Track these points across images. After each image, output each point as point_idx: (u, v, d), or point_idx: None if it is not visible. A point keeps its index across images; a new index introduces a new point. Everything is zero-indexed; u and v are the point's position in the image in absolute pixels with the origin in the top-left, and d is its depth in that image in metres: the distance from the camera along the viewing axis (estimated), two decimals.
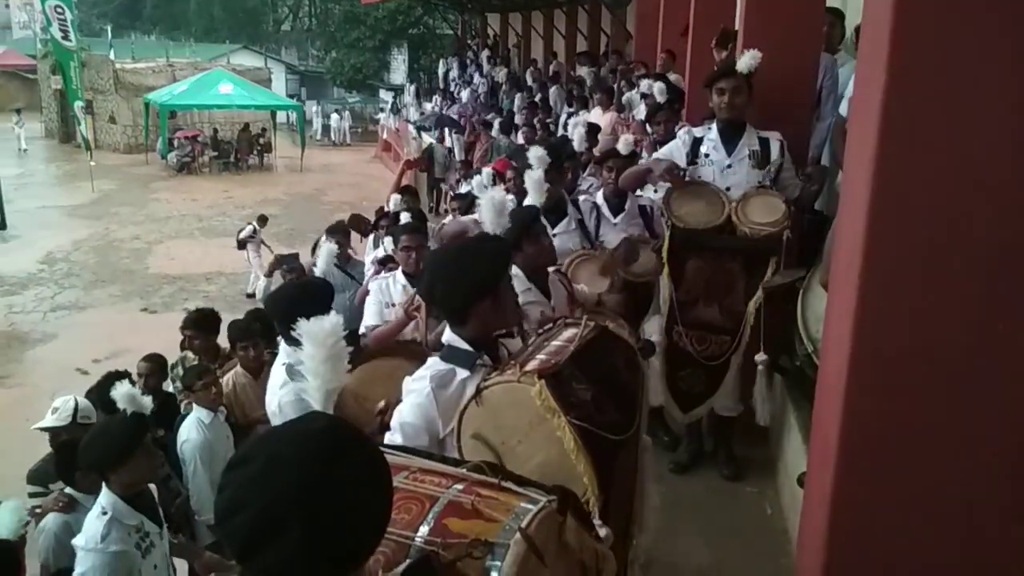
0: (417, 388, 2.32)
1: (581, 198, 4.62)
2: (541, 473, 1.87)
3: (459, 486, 1.67)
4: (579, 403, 1.98)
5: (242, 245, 13.36)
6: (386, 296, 4.52)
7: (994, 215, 2.16)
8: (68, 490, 3.82)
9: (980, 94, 2.13)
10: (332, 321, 1.86)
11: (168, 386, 5.39)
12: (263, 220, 13.72)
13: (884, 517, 2.37)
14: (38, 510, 3.82)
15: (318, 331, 1.84)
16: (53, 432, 4.48)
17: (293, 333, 1.89)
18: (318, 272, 4.69)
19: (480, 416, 2.07)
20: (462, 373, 2.29)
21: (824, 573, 2.46)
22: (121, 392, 3.49)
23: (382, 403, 2.59)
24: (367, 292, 4.77)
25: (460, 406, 2.13)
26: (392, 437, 2.32)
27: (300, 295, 3.55)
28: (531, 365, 2.06)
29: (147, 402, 3.60)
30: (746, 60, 4.29)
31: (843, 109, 4.85)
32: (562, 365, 2.07)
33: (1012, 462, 2.25)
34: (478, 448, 2.06)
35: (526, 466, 1.84)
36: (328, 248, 4.89)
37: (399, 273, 4.60)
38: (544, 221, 4.25)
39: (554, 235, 4.30)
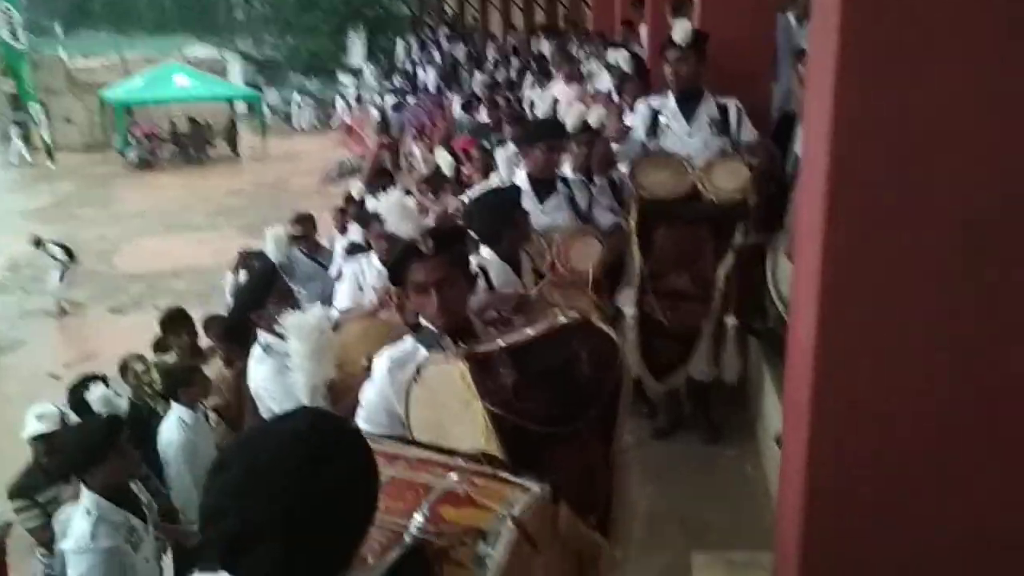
0: (378, 367, 2.40)
1: (571, 176, 4.61)
2: None
3: (454, 475, 1.69)
4: (497, 389, 1.96)
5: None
6: (361, 279, 4.52)
7: (955, 176, 2.18)
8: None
9: (939, 53, 2.14)
10: (317, 315, 1.87)
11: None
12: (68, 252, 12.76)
13: (859, 474, 2.41)
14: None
15: (302, 326, 1.85)
16: (43, 439, 4.40)
17: (277, 328, 1.90)
18: (272, 258, 4.66)
19: (422, 395, 2.08)
20: (423, 352, 2.34)
21: (804, 532, 2.51)
22: (96, 395, 3.48)
23: (364, 361, 2.61)
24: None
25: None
26: (359, 413, 2.38)
27: (253, 284, 3.59)
28: (476, 349, 2.06)
29: (122, 404, 3.60)
30: (678, 31, 4.30)
31: None
32: (495, 351, 2.06)
33: (981, 413, 2.29)
34: (422, 427, 2.07)
35: (461, 447, 1.84)
36: (274, 234, 4.85)
37: (374, 256, 4.59)
38: (534, 195, 4.29)
39: (543, 211, 4.33)
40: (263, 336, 3.46)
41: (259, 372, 3.41)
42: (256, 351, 3.47)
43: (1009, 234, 2.18)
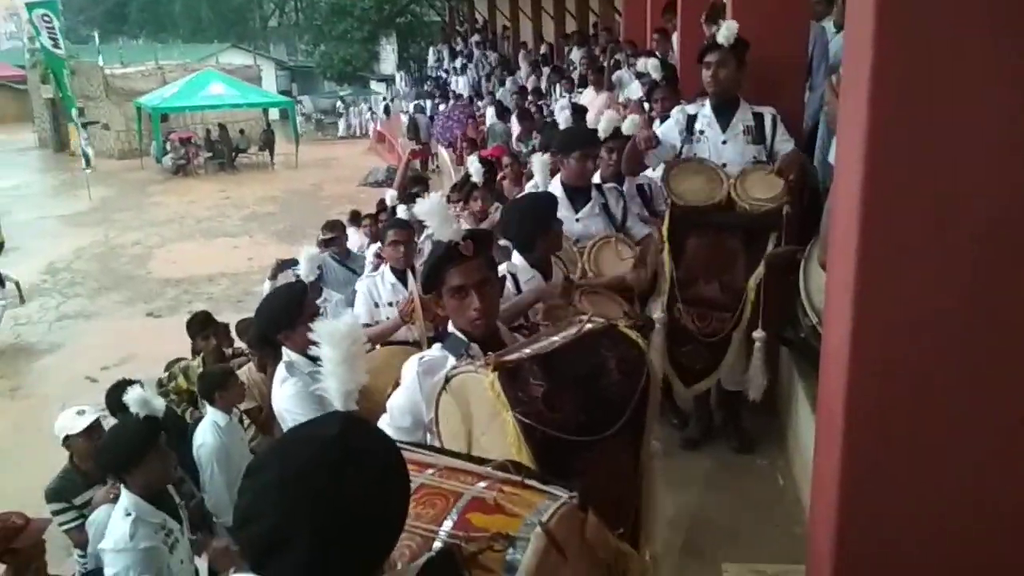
0: (407, 372, 2.42)
1: (608, 184, 4.63)
2: None
3: (483, 483, 1.70)
4: (528, 399, 1.95)
5: None
6: (376, 295, 4.55)
7: (991, 186, 2.16)
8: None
9: (970, 65, 2.13)
10: (349, 323, 1.89)
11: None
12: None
13: (893, 485, 2.39)
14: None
15: (334, 332, 1.87)
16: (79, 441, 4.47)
17: (311, 336, 1.92)
18: (303, 277, 4.73)
19: (450, 404, 2.08)
20: (452, 360, 2.35)
21: (837, 542, 2.49)
22: (134, 396, 3.54)
23: (390, 389, 2.64)
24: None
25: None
26: (383, 418, 2.42)
27: (277, 301, 3.66)
28: (504, 357, 2.04)
29: (160, 404, 3.66)
30: (724, 31, 4.28)
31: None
32: (524, 359, 2.05)
33: (1016, 426, 2.27)
34: (452, 435, 2.08)
35: (491, 456, 1.84)
36: (308, 254, 4.91)
37: (387, 271, 4.62)
38: (569, 203, 4.31)
39: (577, 219, 4.35)
40: (287, 354, 3.51)
41: (282, 393, 3.45)
42: (280, 371, 3.52)
43: None
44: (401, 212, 6.46)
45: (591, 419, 2.02)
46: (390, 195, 7.47)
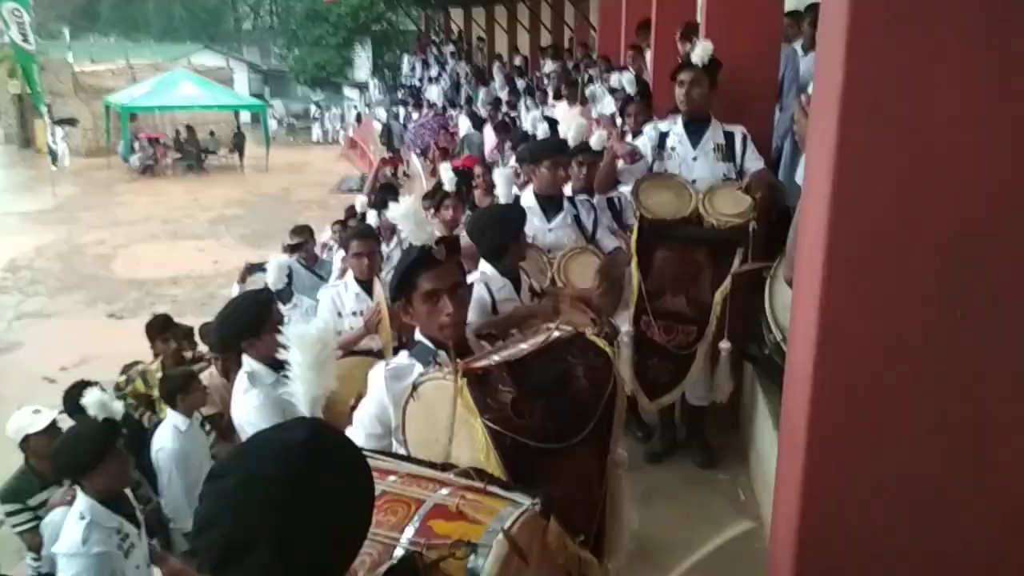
0: (375, 378, 2.41)
1: (579, 196, 4.66)
2: None
3: (445, 490, 1.69)
4: (497, 406, 1.95)
5: None
6: (338, 305, 4.53)
7: (955, 204, 2.19)
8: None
9: (939, 83, 2.16)
10: (320, 327, 1.88)
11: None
12: None
13: (853, 503, 2.42)
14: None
15: (304, 337, 1.85)
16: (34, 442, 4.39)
17: (279, 338, 1.91)
18: (271, 285, 4.68)
19: (418, 411, 2.07)
20: (419, 367, 2.34)
21: (797, 558, 2.51)
22: (92, 398, 3.48)
23: (352, 400, 2.63)
24: None
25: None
26: (354, 428, 2.40)
27: (241, 309, 3.62)
28: (472, 364, 2.04)
29: (118, 408, 3.60)
30: (699, 51, 4.34)
31: None
32: (492, 366, 2.05)
33: (977, 444, 2.30)
34: (418, 442, 2.07)
35: (459, 463, 1.83)
36: (276, 261, 4.88)
37: (350, 280, 4.60)
38: (542, 213, 4.34)
39: (549, 229, 4.39)
40: (249, 363, 3.47)
41: (244, 404, 3.39)
42: (241, 381, 3.47)
43: (1009, 265, 2.19)
44: (371, 218, 6.45)
45: (559, 426, 2.03)
46: (360, 200, 7.45)
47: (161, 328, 5.97)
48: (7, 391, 9.38)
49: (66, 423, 4.45)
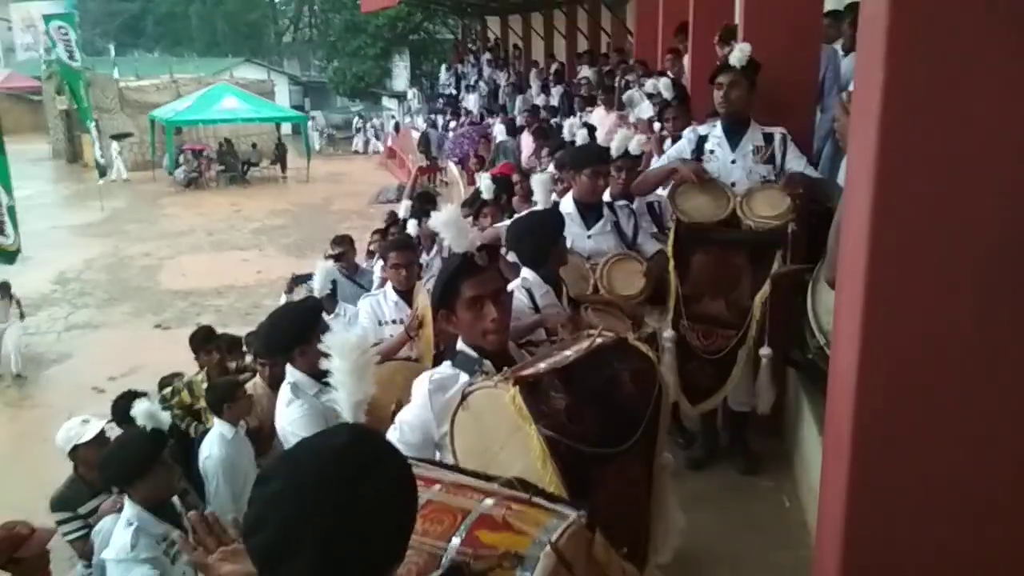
0: (418, 389, 2.41)
1: (619, 202, 4.66)
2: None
3: (491, 500, 1.70)
4: (551, 412, 1.95)
5: None
6: (379, 314, 4.56)
7: (998, 205, 2.16)
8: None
9: (980, 83, 2.13)
10: (358, 335, 1.91)
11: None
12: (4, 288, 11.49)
13: (900, 509, 2.38)
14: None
15: (344, 344, 1.88)
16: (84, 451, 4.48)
17: (320, 347, 1.94)
18: (316, 292, 4.74)
19: (467, 421, 2.07)
20: (464, 378, 2.34)
21: (843, 566, 2.47)
22: (141, 409, 3.55)
23: (393, 406, 2.64)
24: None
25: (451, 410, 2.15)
26: (391, 434, 2.40)
27: (288, 319, 3.67)
28: (522, 372, 2.05)
29: (166, 418, 3.68)
30: (737, 53, 4.30)
31: None
32: (543, 373, 2.05)
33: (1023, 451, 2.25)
34: (468, 452, 2.07)
35: (508, 473, 1.83)
36: (323, 268, 4.93)
37: (389, 289, 4.63)
38: (581, 219, 4.34)
39: (589, 236, 4.39)
40: (292, 374, 3.52)
41: (287, 415, 3.44)
42: (284, 392, 3.51)
43: None
44: (411, 227, 6.49)
45: (610, 431, 2.04)
46: (404, 206, 7.49)
47: (204, 340, 6.06)
48: (57, 401, 9.62)
49: (114, 432, 4.54)
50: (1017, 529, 2.29)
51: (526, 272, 3.63)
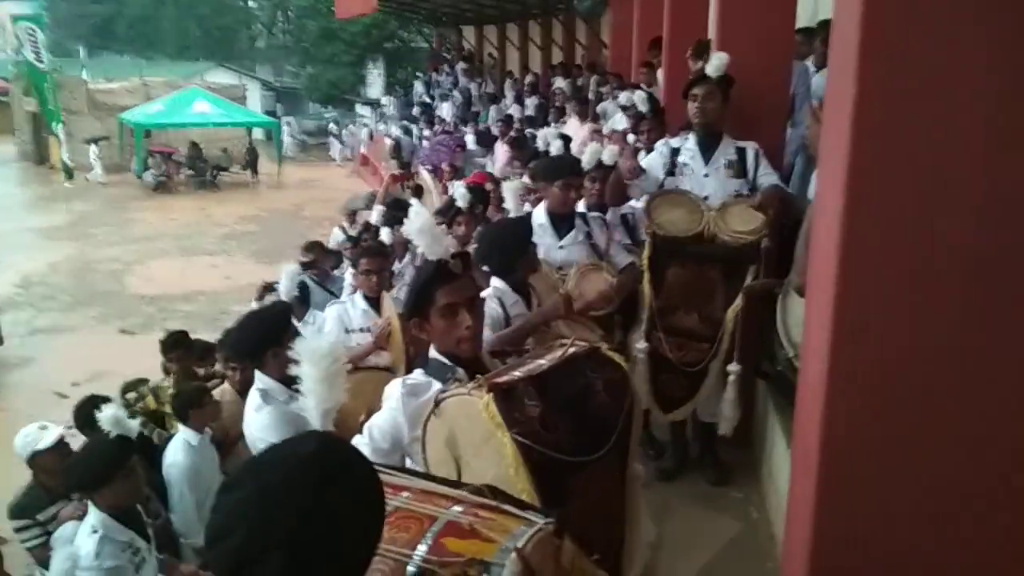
0: (390, 394, 2.39)
1: (592, 213, 4.68)
2: None
3: (458, 507, 1.69)
4: (524, 419, 1.95)
5: None
6: (345, 321, 4.54)
7: (969, 218, 2.19)
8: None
9: (952, 97, 2.16)
10: (330, 342, 1.89)
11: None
12: None
13: (867, 522, 2.40)
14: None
15: (315, 351, 1.86)
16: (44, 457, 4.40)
17: (290, 353, 1.91)
18: (282, 295, 4.70)
19: (440, 427, 2.07)
20: (436, 385, 2.33)
21: None
22: (107, 415, 3.50)
23: (363, 415, 2.63)
24: None
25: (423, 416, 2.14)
26: (359, 439, 2.39)
27: (256, 322, 3.64)
28: (495, 379, 2.04)
29: (133, 425, 3.62)
30: (714, 63, 4.34)
31: None
32: (517, 380, 2.05)
33: (992, 465, 2.28)
34: (439, 460, 2.06)
35: (481, 480, 1.83)
36: (288, 271, 4.89)
37: (358, 297, 4.61)
38: (553, 230, 4.34)
39: (561, 246, 4.41)
40: (262, 380, 3.48)
41: (256, 421, 3.40)
42: (254, 398, 3.47)
43: (1021, 294, 2.18)
44: (384, 235, 6.47)
45: (583, 440, 2.04)
46: (377, 210, 7.46)
47: (175, 345, 5.96)
48: (20, 406, 9.41)
49: (74, 439, 4.46)
50: (988, 540, 2.32)
51: (496, 281, 3.64)
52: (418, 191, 7.67)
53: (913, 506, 2.36)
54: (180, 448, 4.41)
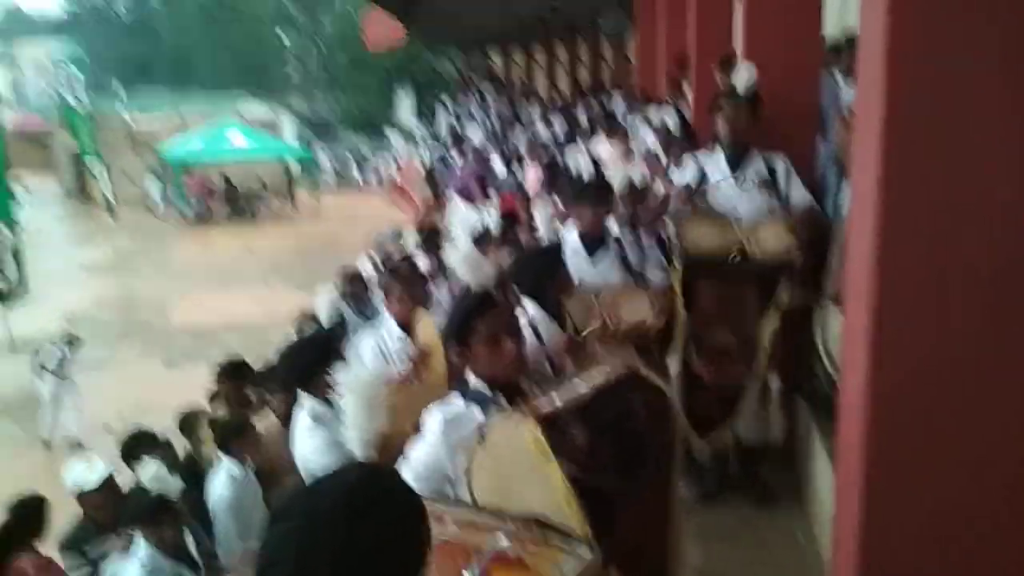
0: (431, 425, 2.40)
1: (626, 234, 4.68)
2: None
3: (505, 538, 1.70)
4: (571, 448, 1.96)
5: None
6: (384, 349, 4.55)
7: (1002, 227, 2.16)
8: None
9: (980, 108, 2.14)
10: (370, 372, 1.91)
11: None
12: (73, 341, 11.17)
13: (914, 540, 2.35)
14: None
15: (356, 381, 1.89)
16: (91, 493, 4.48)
17: (329, 381, 1.94)
18: (323, 321, 4.73)
19: (486, 459, 2.08)
20: (476, 413, 2.33)
21: None
22: (149, 473, 3.56)
23: (410, 428, 2.63)
24: None
25: (468, 447, 2.14)
26: (404, 471, 2.37)
27: (306, 348, 3.67)
28: (539, 409, 2.05)
29: (175, 484, 3.68)
30: (744, 73, 4.33)
31: None
32: (560, 410, 2.05)
33: None
34: (486, 490, 2.07)
35: (529, 510, 1.83)
36: (324, 296, 4.90)
37: (392, 325, 4.62)
38: (585, 252, 4.34)
39: (594, 268, 4.39)
40: (312, 405, 3.49)
41: (308, 445, 3.41)
42: (305, 422, 3.49)
43: None
44: (420, 262, 6.51)
45: (628, 465, 2.05)
46: (413, 237, 7.49)
47: (233, 372, 5.89)
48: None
49: (121, 476, 4.55)
50: None
51: (529, 306, 3.64)
52: (432, 235, 7.47)
53: (962, 524, 2.31)
54: (223, 481, 4.44)
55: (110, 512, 4.37)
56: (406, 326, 4.56)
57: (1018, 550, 2.27)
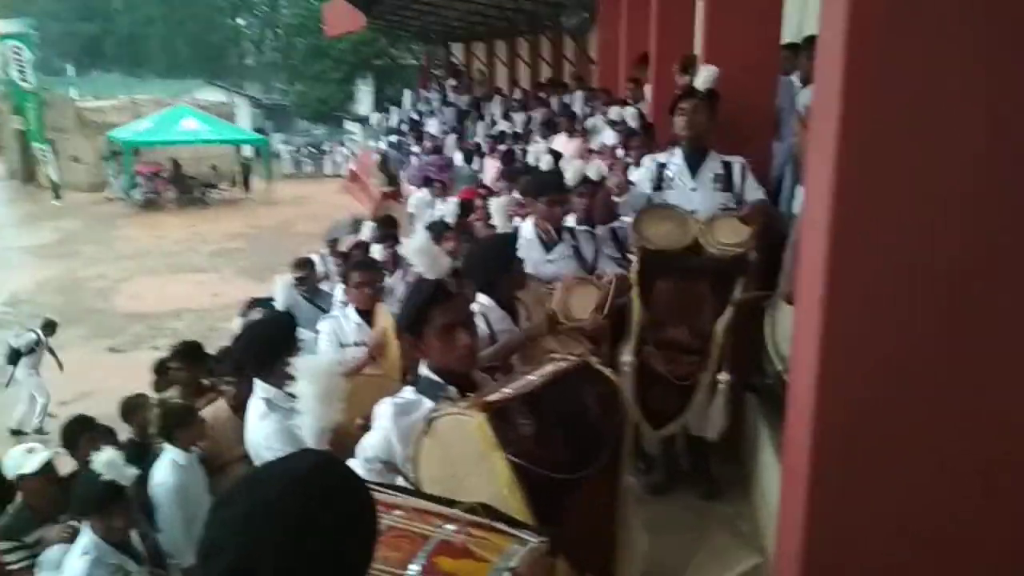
0: (380, 414, 2.38)
1: (579, 227, 4.69)
2: None
3: (451, 526, 1.68)
4: (518, 439, 1.95)
5: (14, 358, 10.30)
6: (340, 336, 4.52)
7: (955, 228, 2.20)
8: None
9: (937, 110, 2.18)
10: (327, 360, 1.89)
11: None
12: (50, 327, 10.98)
13: (858, 534, 2.39)
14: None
15: (313, 369, 1.86)
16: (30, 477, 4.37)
17: (287, 370, 1.91)
18: (279, 305, 4.69)
19: (432, 447, 2.06)
20: (427, 403, 2.32)
21: None
22: (103, 460, 3.48)
23: (359, 420, 2.62)
24: None
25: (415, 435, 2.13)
26: (354, 461, 2.37)
27: (266, 331, 3.61)
28: (487, 398, 2.04)
29: (129, 473, 3.60)
30: (703, 76, 4.37)
31: None
32: (509, 399, 2.05)
33: (983, 474, 2.28)
34: (432, 479, 2.06)
35: (475, 499, 1.82)
36: (282, 281, 4.87)
37: (351, 311, 4.60)
38: (541, 245, 4.35)
39: (548, 260, 4.40)
40: (264, 389, 3.45)
41: (262, 429, 3.38)
42: (259, 406, 3.44)
43: (1017, 287, 2.19)
44: (375, 252, 6.47)
45: (577, 456, 2.04)
46: (368, 227, 7.45)
47: (188, 356, 5.77)
48: (6, 426, 9.36)
49: (61, 460, 4.44)
50: (977, 555, 2.32)
51: (481, 298, 3.64)
52: (388, 225, 7.45)
53: (904, 518, 2.36)
54: (167, 467, 4.36)
55: (49, 498, 4.28)
56: (364, 312, 4.54)
57: (961, 545, 2.32)
